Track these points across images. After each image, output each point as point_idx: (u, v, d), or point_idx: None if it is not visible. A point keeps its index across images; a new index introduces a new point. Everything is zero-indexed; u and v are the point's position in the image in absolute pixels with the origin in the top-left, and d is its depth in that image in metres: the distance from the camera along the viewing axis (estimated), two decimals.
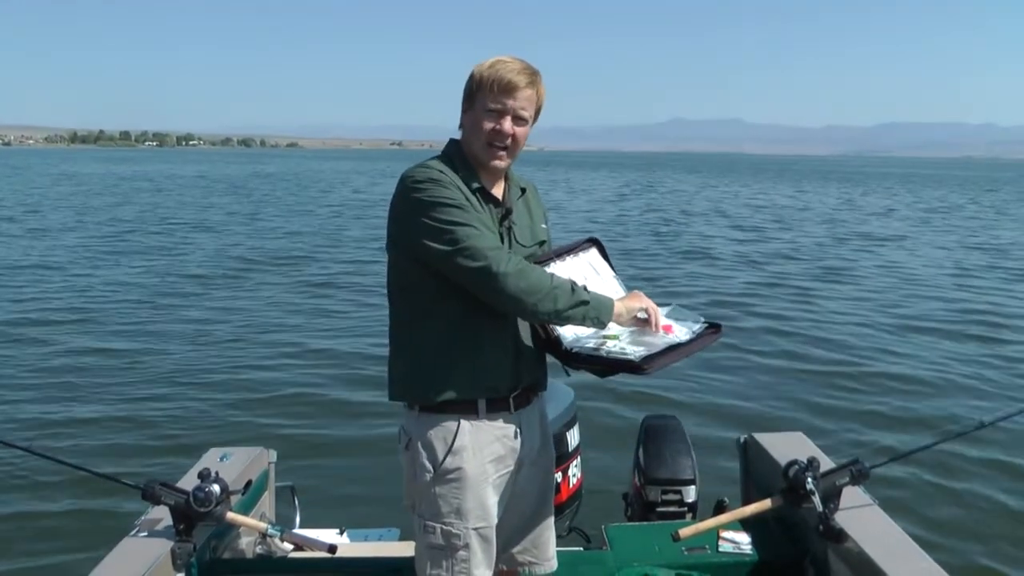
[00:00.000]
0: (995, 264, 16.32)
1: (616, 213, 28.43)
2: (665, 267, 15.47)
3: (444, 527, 2.08)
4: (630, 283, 2.35)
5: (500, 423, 2.13)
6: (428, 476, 2.08)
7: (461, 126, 2.14)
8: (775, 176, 75.91)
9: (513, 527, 2.28)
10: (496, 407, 2.11)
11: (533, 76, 2.07)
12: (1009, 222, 27.42)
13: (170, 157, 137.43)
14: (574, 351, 2.13)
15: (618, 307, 2.09)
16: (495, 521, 2.16)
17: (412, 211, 2.00)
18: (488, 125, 2.06)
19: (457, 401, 2.07)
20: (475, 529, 2.10)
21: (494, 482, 2.14)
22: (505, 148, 2.09)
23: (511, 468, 2.18)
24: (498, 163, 2.11)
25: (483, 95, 2.05)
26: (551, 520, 2.37)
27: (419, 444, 2.09)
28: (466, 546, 2.09)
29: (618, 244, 18.53)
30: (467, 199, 2.02)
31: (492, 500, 2.14)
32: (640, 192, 43.56)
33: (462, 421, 2.08)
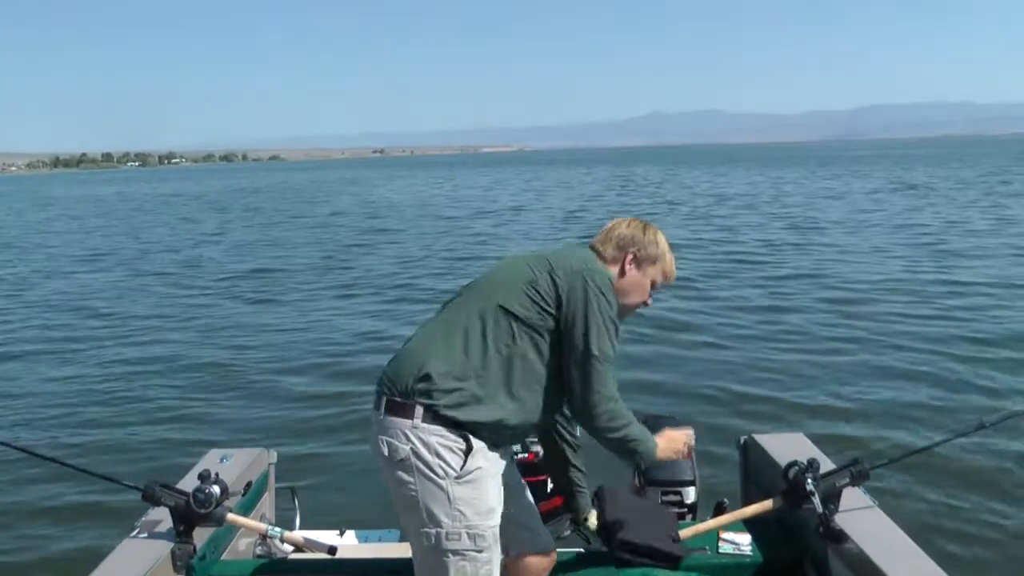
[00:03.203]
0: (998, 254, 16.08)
1: (589, 209, 28.26)
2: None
3: (469, 530, 2.10)
4: None
5: None
6: (445, 483, 2.08)
7: (609, 260, 2.32)
8: (756, 165, 75.76)
9: (508, 515, 2.32)
10: None
11: None
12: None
13: (154, 176, 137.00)
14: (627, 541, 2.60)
15: (660, 454, 2.38)
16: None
17: (594, 311, 2.15)
18: (647, 297, 2.38)
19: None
20: (492, 527, 2.16)
21: (502, 479, 2.22)
22: None
23: (505, 462, 2.28)
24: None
25: (657, 274, 2.37)
26: (532, 500, 2.52)
27: (431, 453, 2.08)
28: (489, 546, 2.14)
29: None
30: None
31: (501, 497, 2.21)
32: (615, 187, 43.38)
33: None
